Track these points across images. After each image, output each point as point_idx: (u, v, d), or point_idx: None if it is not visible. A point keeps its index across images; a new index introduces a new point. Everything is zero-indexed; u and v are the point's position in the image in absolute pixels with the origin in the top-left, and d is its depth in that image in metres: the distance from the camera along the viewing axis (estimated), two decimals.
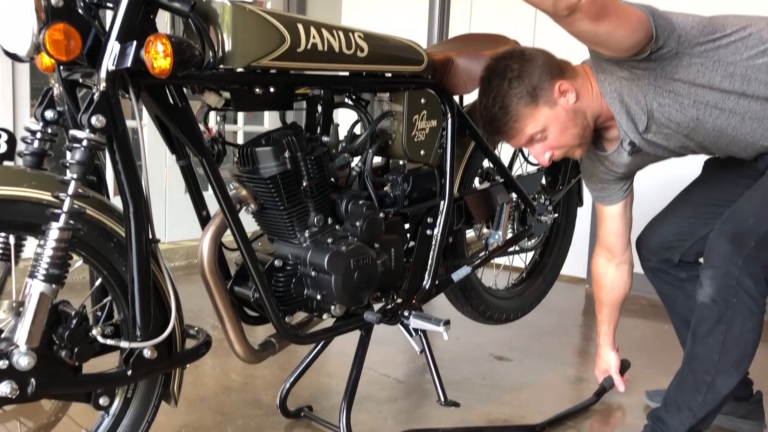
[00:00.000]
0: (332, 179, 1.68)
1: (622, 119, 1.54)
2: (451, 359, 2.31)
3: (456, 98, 1.88)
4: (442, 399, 1.76)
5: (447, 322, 1.67)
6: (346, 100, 1.71)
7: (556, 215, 2.28)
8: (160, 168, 3.64)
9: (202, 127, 1.46)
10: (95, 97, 1.18)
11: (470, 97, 1.95)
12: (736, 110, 1.46)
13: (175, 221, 3.71)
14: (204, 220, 1.53)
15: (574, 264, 3.48)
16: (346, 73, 1.61)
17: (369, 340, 1.76)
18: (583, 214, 3.31)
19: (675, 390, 1.55)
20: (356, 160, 1.70)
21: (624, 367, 1.95)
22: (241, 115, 4.21)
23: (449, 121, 1.81)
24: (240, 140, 3.90)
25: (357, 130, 1.75)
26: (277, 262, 1.57)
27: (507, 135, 1.56)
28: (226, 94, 1.45)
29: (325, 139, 1.62)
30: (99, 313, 1.38)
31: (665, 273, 1.81)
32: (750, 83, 1.44)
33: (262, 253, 1.63)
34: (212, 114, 1.53)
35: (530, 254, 2.39)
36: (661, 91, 1.48)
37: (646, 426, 1.59)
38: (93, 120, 1.17)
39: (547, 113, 1.51)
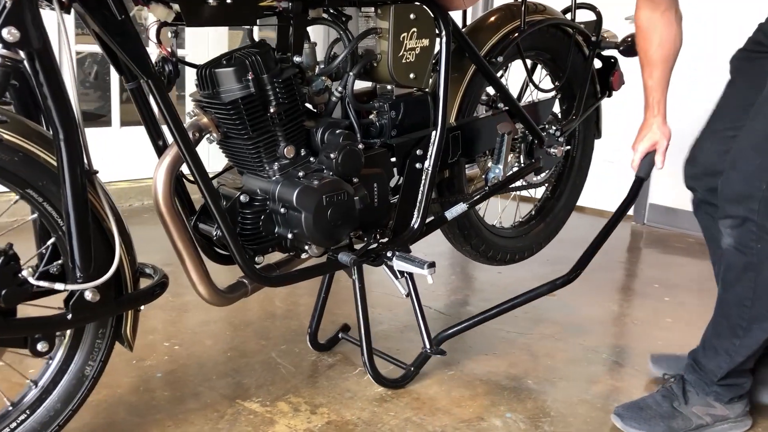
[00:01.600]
0: (309, 106, 1.52)
1: None
2: (493, 293, 2.24)
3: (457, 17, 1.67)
4: (428, 347, 1.63)
5: (431, 265, 1.52)
6: (324, 15, 1.52)
7: (569, 147, 2.08)
8: None
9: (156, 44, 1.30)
10: (6, 4, 1.02)
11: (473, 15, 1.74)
12: None
13: None
14: (160, 150, 1.39)
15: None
16: None
17: (362, 284, 1.60)
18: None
19: (711, 334, 1.52)
20: (337, 84, 1.52)
21: None
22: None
23: (443, 40, 1.61)
24: None
25: (339, 50, 1.56)
26: (243, 198, 1.43)
27: None
28: (177, 7, 1.27)
29: (297, 59, 1.45)
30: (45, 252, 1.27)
31: (711, 205, 1.62)
32: None
33: (232, 186, 1.49)
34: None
35: (541, 190, 2.21)
36: None
37: (687, 365, 1.56)
38: (4, 33, 1.02)
39: None
